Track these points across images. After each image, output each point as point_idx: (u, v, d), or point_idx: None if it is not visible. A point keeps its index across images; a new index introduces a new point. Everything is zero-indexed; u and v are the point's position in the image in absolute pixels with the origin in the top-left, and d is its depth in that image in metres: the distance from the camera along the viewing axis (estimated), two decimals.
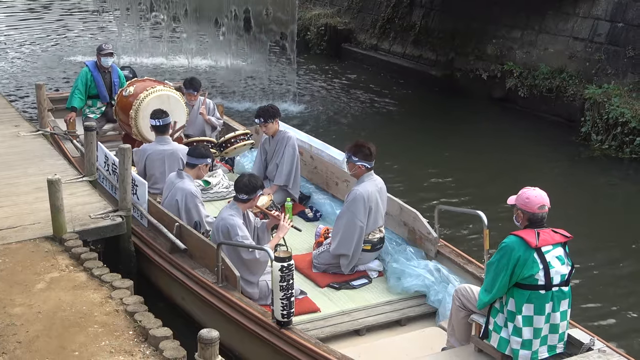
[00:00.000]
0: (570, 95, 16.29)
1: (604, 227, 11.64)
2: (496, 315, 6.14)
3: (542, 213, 6.01)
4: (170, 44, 23.43)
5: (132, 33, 24.56)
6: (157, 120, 9.69)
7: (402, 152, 14.71)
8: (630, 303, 9.52)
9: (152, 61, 21.95)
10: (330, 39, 23.38)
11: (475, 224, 10.93)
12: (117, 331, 6.45)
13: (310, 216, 9.84)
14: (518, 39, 18.21)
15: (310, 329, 7.23)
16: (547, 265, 5.92)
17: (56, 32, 25.88)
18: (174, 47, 23.36)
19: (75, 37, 25.24)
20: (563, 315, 6.09)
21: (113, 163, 9.30)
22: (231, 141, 11.00)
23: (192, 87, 11.51)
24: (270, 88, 19.62)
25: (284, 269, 6.41)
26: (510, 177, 13.55)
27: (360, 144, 8.30)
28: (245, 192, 7.66)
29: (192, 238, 8.00)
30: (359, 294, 8.05)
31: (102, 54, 11.99)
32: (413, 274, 7.96)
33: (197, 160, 8.67)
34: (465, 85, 18.92)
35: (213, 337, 5.34)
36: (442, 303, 7.57)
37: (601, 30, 16.52)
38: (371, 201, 8.16)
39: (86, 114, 12.10)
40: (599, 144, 14.85)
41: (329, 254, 8.31)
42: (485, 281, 6.16)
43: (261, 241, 7.95)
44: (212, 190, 10.28)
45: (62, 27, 26.66)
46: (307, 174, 10.50)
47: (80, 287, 7.15)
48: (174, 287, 8.25)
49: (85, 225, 8.42)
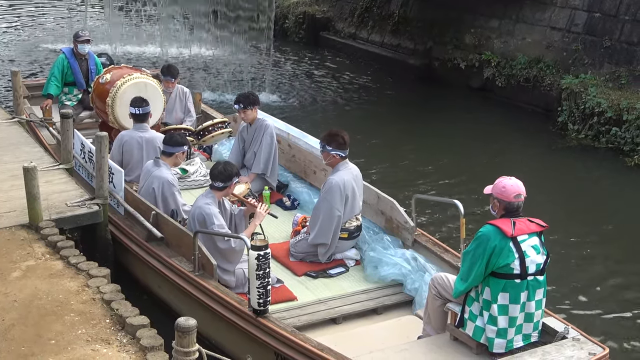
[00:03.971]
0: (548, 85, 16.38)
1: (580, 217, 11.72)
2: (472, 304, 6.18)
3: (518, 202, 6.05)
4: (142, 31, 23.29)
5: (101, 19, 24.38)
6: (137, 109, 9.64)
7: (380, 141, 14.74)
8: (604, 292, 9.61)
9: (125, 49, 21.81)
10: (309, 27, 23.34)
11: (452, 213, 10.98)
12: (94, 320, 6.43)
13: (288, 205, 9.84)
14: (496, 28, 18.27)
15: (286, 317, 7.24)
16: (523, 255, 5.96)
17: (32, 18, 25.66)
18: (147, 34, 23.22)
19: (52, 24, 25.03)
20: (538, 304, 6.13)
21: (89, 151, 9.25)
22: (209, 129, 10.97)
23: (170, 74, 11.48)
24: (245, 76, 19.57)
25: (260, 258, 6.41)
26: (487, 166, 13.61)
27: (333, 133, 8.30)
28: (220, 180, 7.66)
29: (168, 226, 7.99)
30: (335, 283, 8.07)
31: (79, 40, 11.91)
32: (390, 262, 7.98)
33: (173, 148, 8.64)
34: (443, 75, 18.97)
35: (190, 325, 5.34)
36: (419, 292, 7.60)
37: (578, 20, 16.61)
38: (347, 189, 8.17)
39: (62, 102, 12.02)
40: (576, 133, 14.93)
41: (307, 242, 8.32)
42: (461, 270, 6.20)
43: (238, 228, 7.94)
44: (190, 178, 10.26)
45: (38, 14, 26.44)
46: (284, 162, 10.50)
47: (56, 276, 7.13)
48: (151, 276, 8.23)
49: (62, 213, 8.38)
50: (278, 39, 22.29)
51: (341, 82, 19.29)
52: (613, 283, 9.83)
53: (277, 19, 21.93)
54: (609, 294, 9.55)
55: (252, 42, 22.19)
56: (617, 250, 10.66)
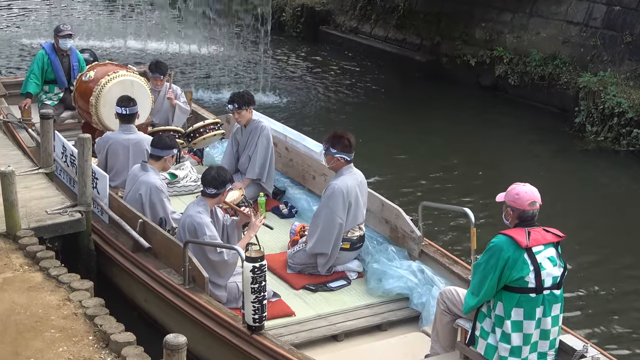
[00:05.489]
0: (564, 83, 16.38)
1: (599, 225, 11.72)
2: (483, 320, 6.18)
3: (533, 210, 6.04)
4: (129, 26, 23.32)
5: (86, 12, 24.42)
6: (124, 109, 9.62)
7: (384, 143, 14.73)
8: (626, 307, 9.60)
9: (111, 44, 21.82)
10: (307, 20, 23.33)
11: (462, 222, 10.98)
12: (76, 336, 6.42)
13: (285, 212, 9.83)
14: (508, 22, 18.28)
15: (284, 334, 7.23)
16: (538, 267, 5.95)
17: (10, 11, 25.67)
18: (134, 29, 23.25)
19: (32, 18, 25.04)
20: (554, 320, 6.13)
21: (71, 154, 9.25)
22: (200, 131, 10.95)
23: (158, 71, 11.46)
24: (239, 73, 19.58)
25: (255, 270, 6.41)
26: (499, 171, 13.62)
27: (338, 135, 8.32)
28: (213, 186, 7.65)
29: (156, 236, 7.98)
30: (336, 297, 8.06)
31: (60, 35, 11.89)
32: (395, 275, 7.98)
33: (162, 151, 8.63)
34: (452, 72, 18.97)
35: (180, 342, 5.33)
36: (426, 307, 7.60)
37: (597, 14, 16.61)
38: (351, 196, 8.17)
39: (42, 101, 12.00)
40: (594, 135, 14.93)
41: (305, 253, 8.31)
42: (472, 283, 6.19)
43: (231, 240, 7.94)
44: (179, 184, 10.25)
45: (17, 7, 26.44)
46: (281, 166, 10.49)
47: (35, 289, 7.12)
48: (137, 289, 8.23)
49: (41, 221, 8.37)
50: (275, 34, 22.28)
51: (342, 80, 19.29)
52: (636, 297, 9.83)
53: (273, 12, 21.93)
54: (631, 309, 9.54)
55: (247, 36, 22.20)
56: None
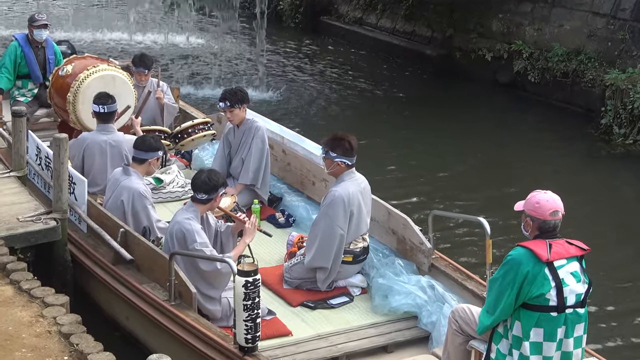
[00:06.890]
0: (589, 80, 16.40)
1: (628, 237, 11.72)
2: (499, 341, 6.16)
3: (555, 220, 6.03)
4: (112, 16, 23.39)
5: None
6: (101, 107, 9.62)
7: (390, 146, 14.75)
8: None
9: (92, 36, 21.85)
10: (307, 10, 23.40)
11: (476, 233, 10.97)
12: (50, 356, 6.42)
13: (282, 221, 9.83)
14: (528, 13, 18.29)
15: (279, 355, 7.23)
16: (560, 283, 5.94)
17: None
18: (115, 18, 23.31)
19: (2, 7, 25.09)
20: (577, 342, 6.11)
21: (46, 156, 9.25)
22: (188, 131, 10.94)
23: (143, 64, 11.46)
24: (232, 68, 19.60)
25: (248, 285, 6.41)
26: (518, 177, 13.62)
27: (338, 137, 8.32)
28: (204, 191, 7.65)
29: (139, 247, 7.98)
30: (338, 315, 8.05)
31: (34, 25, 11.90)
32: (402, 291, 7.97)
33: (145, 154, 8.63)
34: (466, 68, 19.00)
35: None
36: (437, 326, 7.59)
37: (626, 5, 16.62)
38: (353, 204, 8.17)
39: (15, 97, 12.03)
40: (622, 138, 14.96)
41: (303, 266, 8.31)
42: (487, 301, 6.19)
43: (225, 249, 7.95)
44: (165, 189, 10.25)
45: None
46: (278, 171, 10.50)
47: (5, 304, 7.11)
48: (118, 305, 8.23)
49: (13, 229, 8.38)
50: (271, 25, 22.31)
51: (344, 76, 19.32)
52: None
53: (269, 1, 21.97)
54: None
55: (241, 28, 22.24)
56: None
